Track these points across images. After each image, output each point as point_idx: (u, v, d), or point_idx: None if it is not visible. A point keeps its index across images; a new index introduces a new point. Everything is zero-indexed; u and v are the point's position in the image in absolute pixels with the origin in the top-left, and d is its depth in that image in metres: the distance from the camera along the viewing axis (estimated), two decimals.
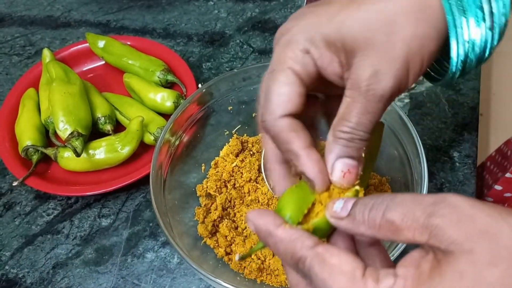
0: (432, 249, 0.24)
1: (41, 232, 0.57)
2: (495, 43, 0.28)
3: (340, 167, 0.30)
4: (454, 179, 0.58)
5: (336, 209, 0.28)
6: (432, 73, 0.33)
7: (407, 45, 0.28)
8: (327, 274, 0.25)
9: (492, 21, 0.28)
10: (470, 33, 0.28)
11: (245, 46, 0.74)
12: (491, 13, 0.27)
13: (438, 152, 0.60)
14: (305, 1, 0.47)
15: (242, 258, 0.31)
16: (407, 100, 0.65)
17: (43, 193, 0.60)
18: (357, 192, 0.30)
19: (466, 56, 0.29)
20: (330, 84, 0.31)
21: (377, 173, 0.54)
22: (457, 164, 0.59)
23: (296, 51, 0.30)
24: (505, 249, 0.22)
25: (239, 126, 0.59)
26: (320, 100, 0.35)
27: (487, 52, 0.28)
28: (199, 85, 0.66)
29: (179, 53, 0.72)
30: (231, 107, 0.57)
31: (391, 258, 0.39)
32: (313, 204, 0.31)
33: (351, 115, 0.29)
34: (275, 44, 0.32)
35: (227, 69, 0.72)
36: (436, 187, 0.57)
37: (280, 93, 0.30)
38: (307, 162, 0.30)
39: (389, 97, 0.29)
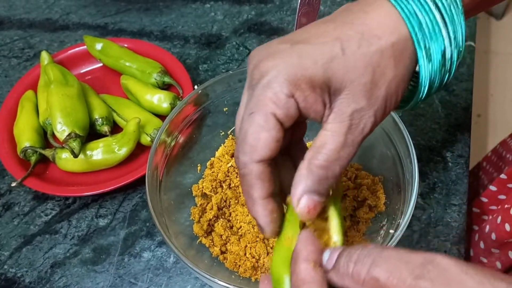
0: None
1: (40, 232, 0.58)
2: (450, 78, 0.34)
3: (307, 203, 0.30)
4: (447, 178, 0.59)
5: (323, 260, 0.28)
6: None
7: (388, 86, 0.31)
8: None
9: (451, 64, 0.33)
10: (436, 75, 0.33)
11: (241, 48, 0.75)
12: (451, 59, 0.33)
13: (431, 152, 0.61)
14: (298, 7, 0.48)
15: None
16: None
17: (41, 193, 0.61)
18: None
19: (430, 89, 0.34)
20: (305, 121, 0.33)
21: (369, 172, 0.55)
22: (450, 164, 0.60)
23: (280, 94, 0.30)
24: None
25: (234, 127, 0.60)
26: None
27: (444, 84, 0.35)
28: (195, 87, 0.66)
29: (176, 55, 0.73)
30: (226, 108, 0.58)
31: None
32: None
33: (330, 147, 0.30)
34: (253, 84, 0.32)
35: (224, 70, 0.72)
36: (429, 187, 0.58)
37: (258, 138, 0.30)
38: (261, 211, 0.32)
39: (368, 132, 0.31)
